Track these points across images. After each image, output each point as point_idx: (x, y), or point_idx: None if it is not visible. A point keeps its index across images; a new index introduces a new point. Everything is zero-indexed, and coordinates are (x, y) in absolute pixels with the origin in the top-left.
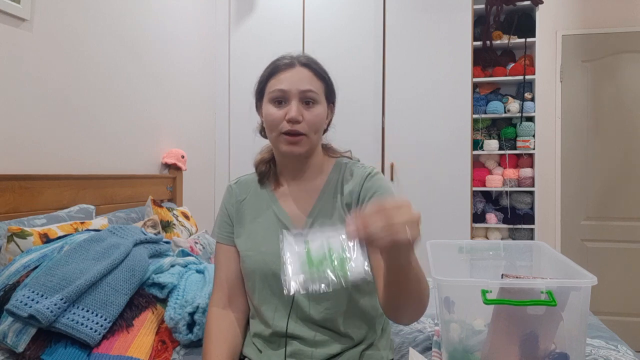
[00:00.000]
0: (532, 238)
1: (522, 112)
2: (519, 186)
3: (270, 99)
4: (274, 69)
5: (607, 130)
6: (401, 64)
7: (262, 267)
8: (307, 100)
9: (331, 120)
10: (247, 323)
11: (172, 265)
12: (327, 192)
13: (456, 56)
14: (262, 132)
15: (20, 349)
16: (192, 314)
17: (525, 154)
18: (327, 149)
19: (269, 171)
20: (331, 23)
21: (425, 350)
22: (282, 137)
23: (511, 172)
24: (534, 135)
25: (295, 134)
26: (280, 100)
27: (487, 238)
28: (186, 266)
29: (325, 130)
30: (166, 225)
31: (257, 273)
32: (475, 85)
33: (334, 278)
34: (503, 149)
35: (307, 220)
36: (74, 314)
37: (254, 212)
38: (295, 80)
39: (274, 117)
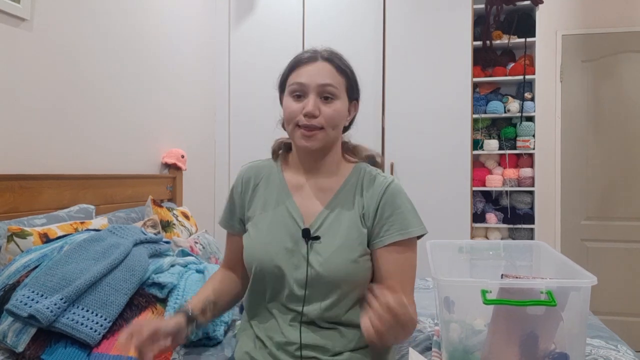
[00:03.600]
0: (532, 238)
1: (522, 112)
2: (519, 186)
3: (290, 92)
4: (295, 63)
5: (607, 130)
6: (401, 64)
7: (262, 258)
8: (325, 95)
9: (354, 118)
10: (244, 282)
11: (172, 265)
12: (344, 192)
13: (456, 56)
14: (284, 125)
15: (20, 348)
16: None
17: (525, 153)
18: (348, 151)
19: (279, 150)
20: (331, 23)
21: (425, 350)
22: (299, 130)
23: (511, 172)
24: (534, 135)
25: (312, 127)
26: (299, 94)
27: (487, 238)
28: (186, 266)
29: (347, 128)
30: (166, 225)
31: (255, 264)
32: (475, 85)
33: None
34: (503, 149)
35: (319, 217)
36: (73, 313)
37: (264, 201)
38: (314, 74)
39: (291, 110)
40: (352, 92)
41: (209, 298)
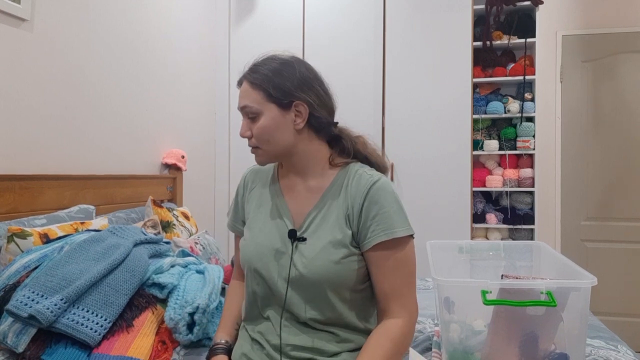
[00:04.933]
0: (532, 238)
1: (522, 113)
2: (519, 186)
3: None
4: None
5: (607, 130)
6: (401, 64)
7: (254, 259)
8: (250, 116)
9: (310, 117)
10: None
11: (172, 266)
12: (331, 193)
13: (456, 56)
14: None
15: (20, 349)
16: (192, 314)
17: (525, 154)
18: (335, 156)
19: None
20: (331, 23)
21: (425, 350)
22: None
23: (511, 173)
24: (534, 136)
25: (252, 147)
26: (243, 118)
27: (487, 238)
28: (186, 266)
29: (320, 129)
30: (166, 226)
31: (247, 265)
32: (475, 86)
33: None
34: (503, 149)
35: (307, 218)
36: (74, 314)
37: (258, 201)
38: (240, 98)
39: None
40: (281, 97)
41: (238, 321)
